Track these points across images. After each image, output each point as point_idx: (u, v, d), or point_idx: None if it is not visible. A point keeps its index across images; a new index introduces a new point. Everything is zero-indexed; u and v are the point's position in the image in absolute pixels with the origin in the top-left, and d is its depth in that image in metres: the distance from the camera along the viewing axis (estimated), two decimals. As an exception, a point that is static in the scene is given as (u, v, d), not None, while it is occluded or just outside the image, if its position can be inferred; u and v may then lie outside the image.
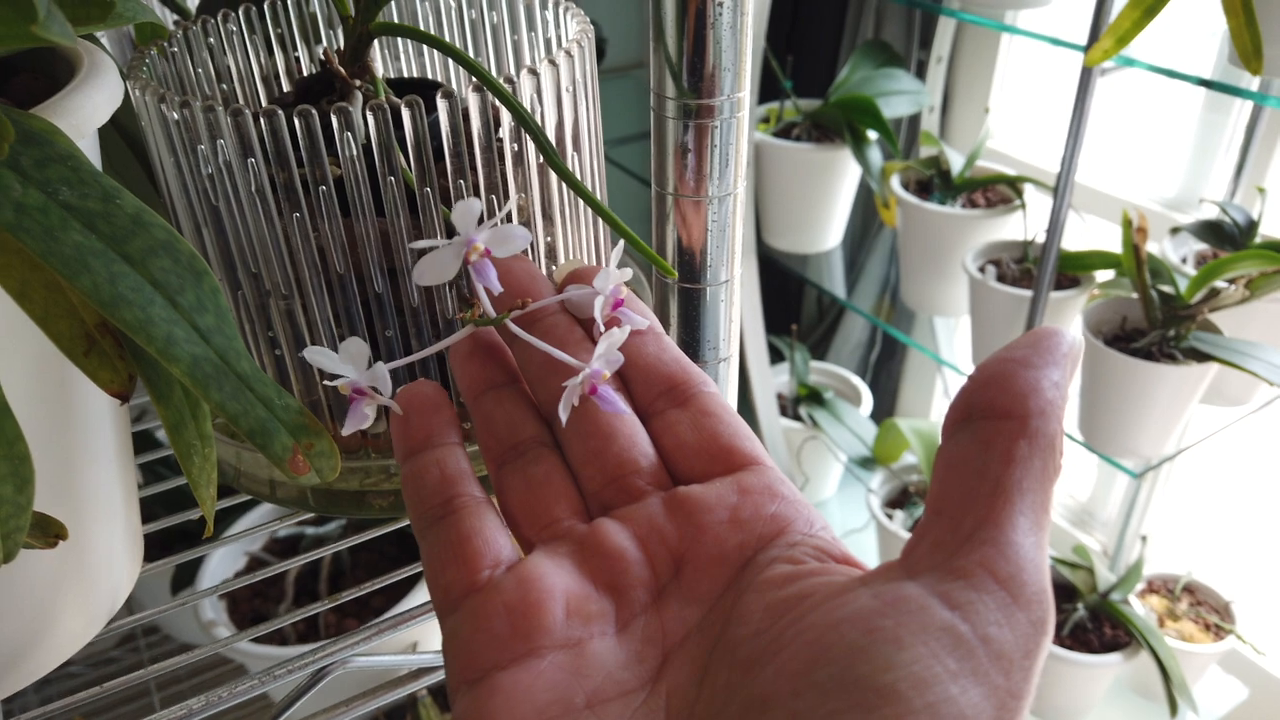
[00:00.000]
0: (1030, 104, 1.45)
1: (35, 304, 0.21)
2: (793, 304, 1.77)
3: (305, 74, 0.39)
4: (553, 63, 0.30)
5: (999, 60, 1.40)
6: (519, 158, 0.31)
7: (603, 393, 0.25)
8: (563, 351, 0.26)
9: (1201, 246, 1.13)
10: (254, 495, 0.35)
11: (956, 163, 1.26)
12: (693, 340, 0.31)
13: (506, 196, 0.31)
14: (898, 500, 1.47)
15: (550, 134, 0.32)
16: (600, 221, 0.36)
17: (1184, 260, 1.11)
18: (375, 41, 0.35)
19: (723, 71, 0.27)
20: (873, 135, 1.30)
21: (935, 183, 1.27)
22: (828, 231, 1.44)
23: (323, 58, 0.33)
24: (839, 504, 1.71)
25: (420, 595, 0.81)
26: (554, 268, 0.33)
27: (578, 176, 0.33)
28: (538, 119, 0.31)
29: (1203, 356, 1.01)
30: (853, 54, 1.40)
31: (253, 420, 0.22)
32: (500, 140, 0.30)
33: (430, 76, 0.41)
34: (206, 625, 0.79)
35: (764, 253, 1.50)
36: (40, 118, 0.22)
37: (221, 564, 0.86)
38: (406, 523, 0.40)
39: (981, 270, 1.18)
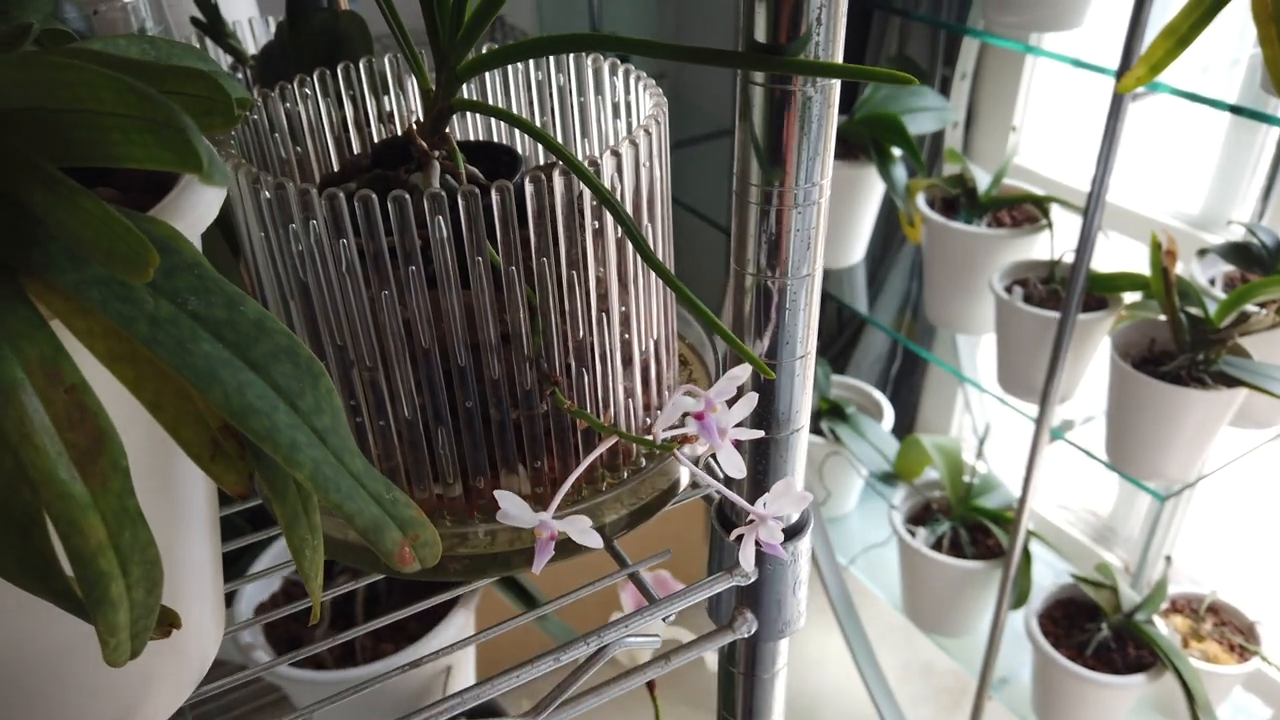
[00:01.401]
0: (1055, 121, 1.45)
1: (167, 413, 0.21)
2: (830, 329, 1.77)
3: (374, 130, 0.40)
4: (633, 142, 0.31)
5: (1023, 77, 1.40)
6: (599, 233, 0.32)
7: None
8: None
9: (1229, 268, 1.13)
10: (342, 560, 0.36)
11: (981, 180, 1.26)
12: (766, 413, 0.32)
13: (586, 270, 0.32)
14: (919, 517, 1.48)
15: (628, 206, 0.32)
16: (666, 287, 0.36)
17: (1212, 282, 1.11)
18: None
19: (810, 159, 0.27)
20: (897, 152, 1.31)
21: (961, 201, 1.27)
22: (852, 247, 1.44)
23: (405, 133, 0.34)
24: (860, 518, 1.71)
25: (456, 621, 0.81)
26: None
27: (651, 245, 0.34)
28: (617, 195, 0.32)
29: (1232, 381, 1.01)
30: (877, 71, 1.40)
31: (367, 519, 0.23)
32: (582, 216, 0.31)
33: (499, 136, 0.41)
34: (245, 649, 0.80)
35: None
36: (163, 223, 0.23)
37: (258, 585, 0.87)
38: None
39: (1008, 290, 1.18)
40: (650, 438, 0.28)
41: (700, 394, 0.27)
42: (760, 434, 0.31)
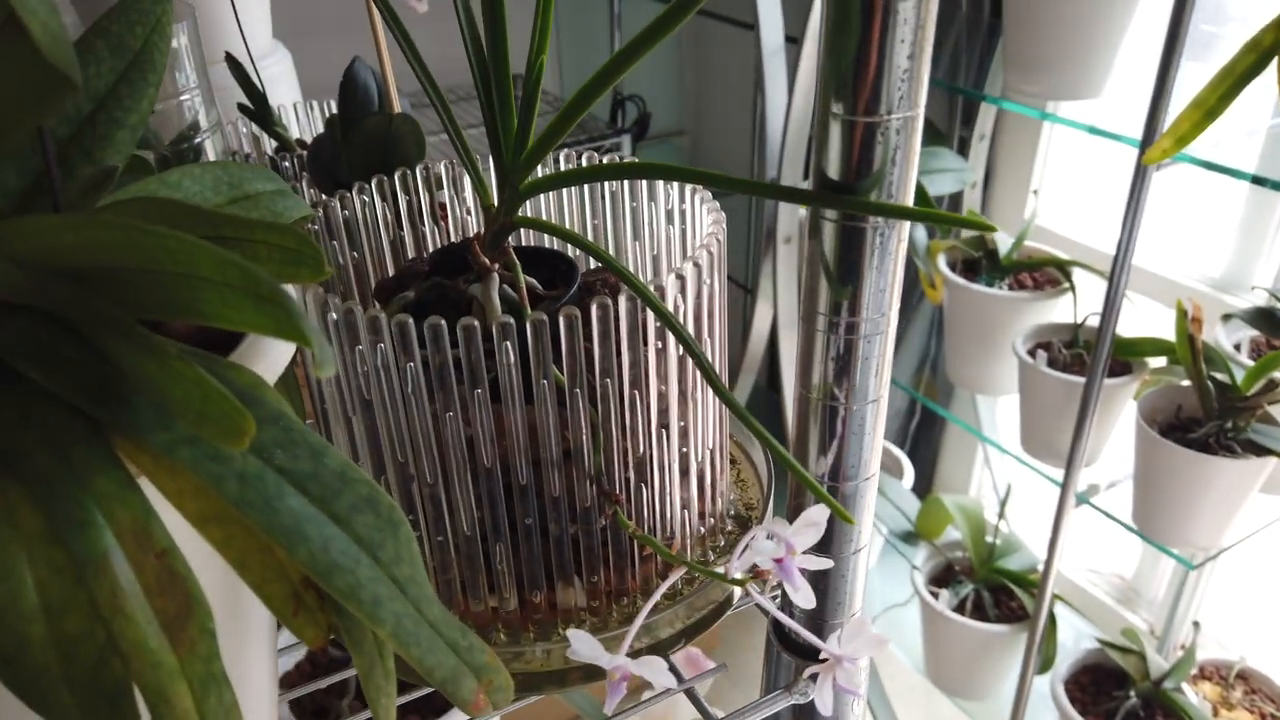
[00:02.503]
0: (1074, 183, 1.45)
1: (253, 572, 0.21)
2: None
3: (428, 229, 0.40)
4: (695, 263, 0.31)
5: (1042, 139, 1.41)
6: (661, 351, 0.32)
7: None
8: None
9: (1254, 333, 1.13)
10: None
11: (1002, 242, 1.27)
12: (827, 537, 0.32)
13: (648, 387, 0.32)
14: (942, 578, 1.46)
15: (689, 322, 0.32)
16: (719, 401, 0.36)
17: (1237, 347, 1.11)
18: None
19: (879, 291, 0.27)
20: (918, 214, 1.31)
21: (982, 263, 1.27)
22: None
23: (462, 242, 0.34)
24: (880, 577, 1.69)
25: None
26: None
27: (710, 359, 0.34)
28: (679, 314, 0.32)
29: (1261, 450, 1.01)
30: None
31: (445, 671, 0.23)
32: (646, 335, 0.31)
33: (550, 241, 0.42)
34: (268, 721, 0.79)
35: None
36: (248, 370, 0.23)
37: (283, 658, 0.86)
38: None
39: (1031, 354, 1.17)
40: (722, 572, 0.28)
41: (780, 537, 0.27)
42: (829, 563, 0.31)
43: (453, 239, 0.41)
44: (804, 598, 0.27)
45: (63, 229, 0.21)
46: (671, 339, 0.32)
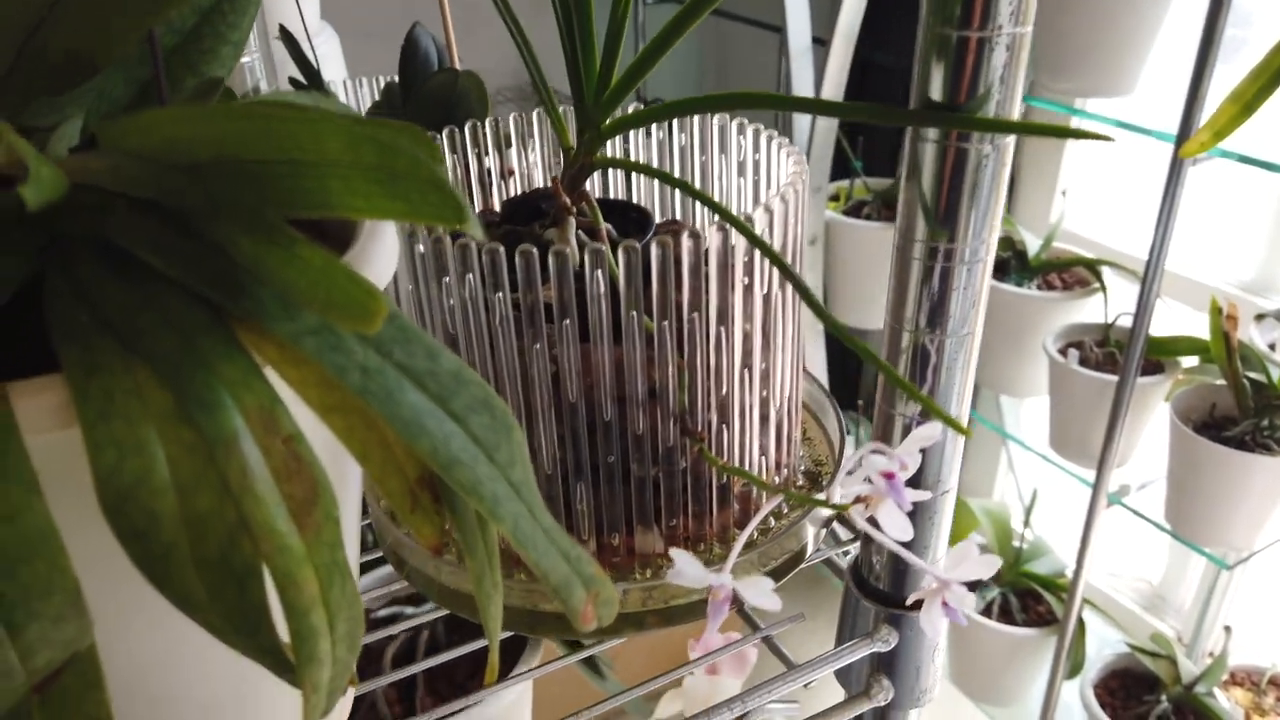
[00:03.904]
0: (1100, 186, 1.45)
1: (374, 464, 0.21)
2: (852, 378, 1.76)
3: (495, 188, 0.40)
4: (783, 199, 0.31)
5: (1069, 142, 1.40)
6: (748, 289, 0.31)
7: None
8: None
9: (1289, 333, 1.12)
10: (451, 608, 0.35)
11: (1030, 242, 1.26)
12: (915, 479, 0.31)
13: (734, 326, 0.31)
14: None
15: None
16: (800, 343, 0.36)
17: (1272, 347, 1.10)
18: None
19: (980, 217, 0.27)
20: (945, 215, 1.31)
21: (1011, 263, 1.26)
22: (896, 309, 1.44)
23: (535, 190, 0.34)
24: (902, 583, 1.68)
25: (515, 689, 0.79)
26: None
27: (791, 297, 0.34)
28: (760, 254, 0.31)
29: (1299, 447, 1.00)
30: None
31: (559, 576, 0.22)
32: (734, 271, 0.31)
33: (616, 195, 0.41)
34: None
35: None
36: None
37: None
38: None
39: (1062, 353, 1.17)
40: (823, 497, 0.27)
41: (891, 453, 0.26)
42: (927, 495, 0.30)
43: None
44: (902, 527, 0.27)
45: (181, 121, 0.21)
46: (758, 277, 0.32)
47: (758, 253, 0.31)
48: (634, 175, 0.41)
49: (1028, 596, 1.41)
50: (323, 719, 0.21)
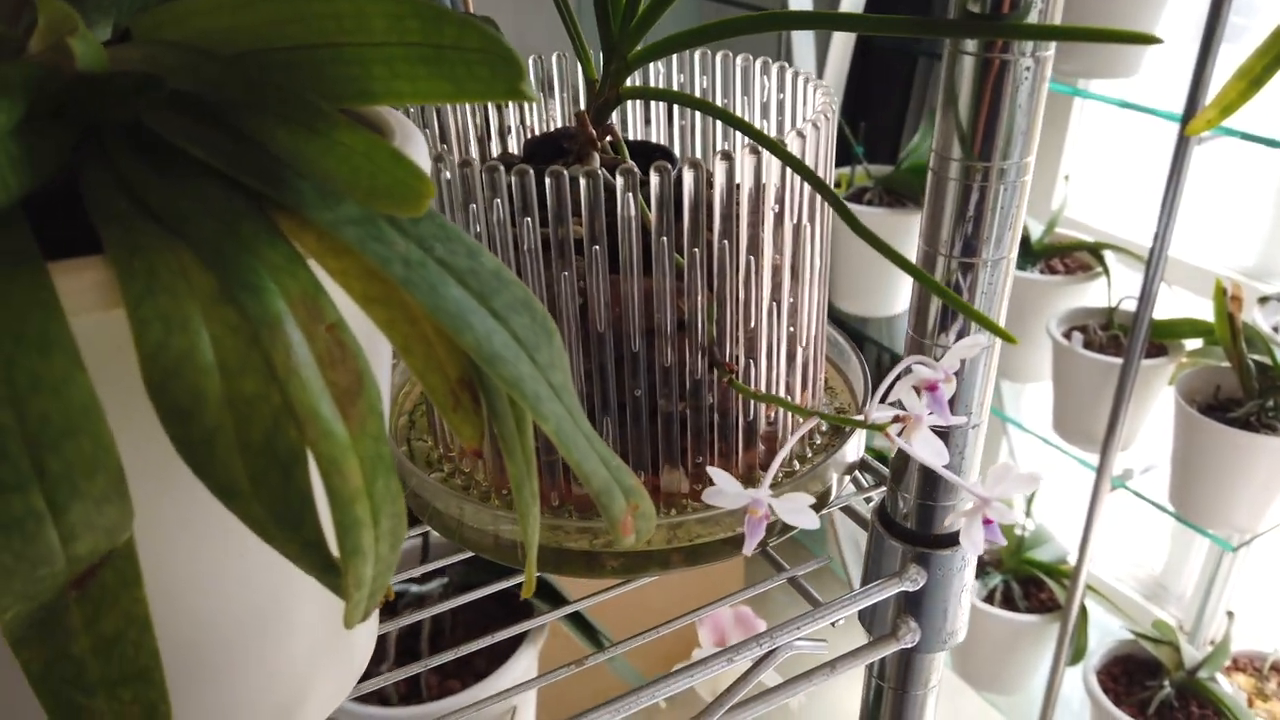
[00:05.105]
0: (1102, 174, 1.45)
1: (417, 358, 0.20)
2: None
3: (514, 135, 0.40)
4: (815, 125, 0.30)
5: (1072, 121, 1.40)
6: (778, 218, 0.31)
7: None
8: None
9: (1292, 316, 1.12)
10: (473, 549, 0.35)
11: (1033, 227, 1.26)
12: (950, 403, 0.31)
13: (763, 256, 0.31)
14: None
15: (803, 194, 0.32)
16: (825, 282, 0.35)
17: (1276, 329, 1.10)
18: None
19: (1022, 134, 0.27)
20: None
21: (1014, 249, 1.26)
22: (897, 296, 1.44)
23: (559, 129, 0.34)
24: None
25: (524, 659, 0.79)
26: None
27: (818, 234, 0.33)
28: (790, 184, 0.31)
29: (1304, 427, 1.00)
30: (923, 119, 1.42)
31: (600, 480, 0.22)
32: (764, 199, 0.30)
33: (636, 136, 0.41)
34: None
35: (832, 315, 1.50)
36: (397, 174, 0.22)
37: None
38: (513, 582, 0.39)
39: (1066, 337, 1.17)
40: (860, 417, 0.27)
41: (934, 364, 0.26)
42: (963, 419, 0.30)
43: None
44: (938, 450, 0.27)
45: (219, 9, 0.21)
46: (789, 206, 0.31)
47: (789, 180, 0.31)
48: (653, 123, 0.41)
49: (1030, 584, 1.40)
50: (361, 622, 0.21)
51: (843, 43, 1.32)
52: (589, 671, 0.35)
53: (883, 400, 0.27)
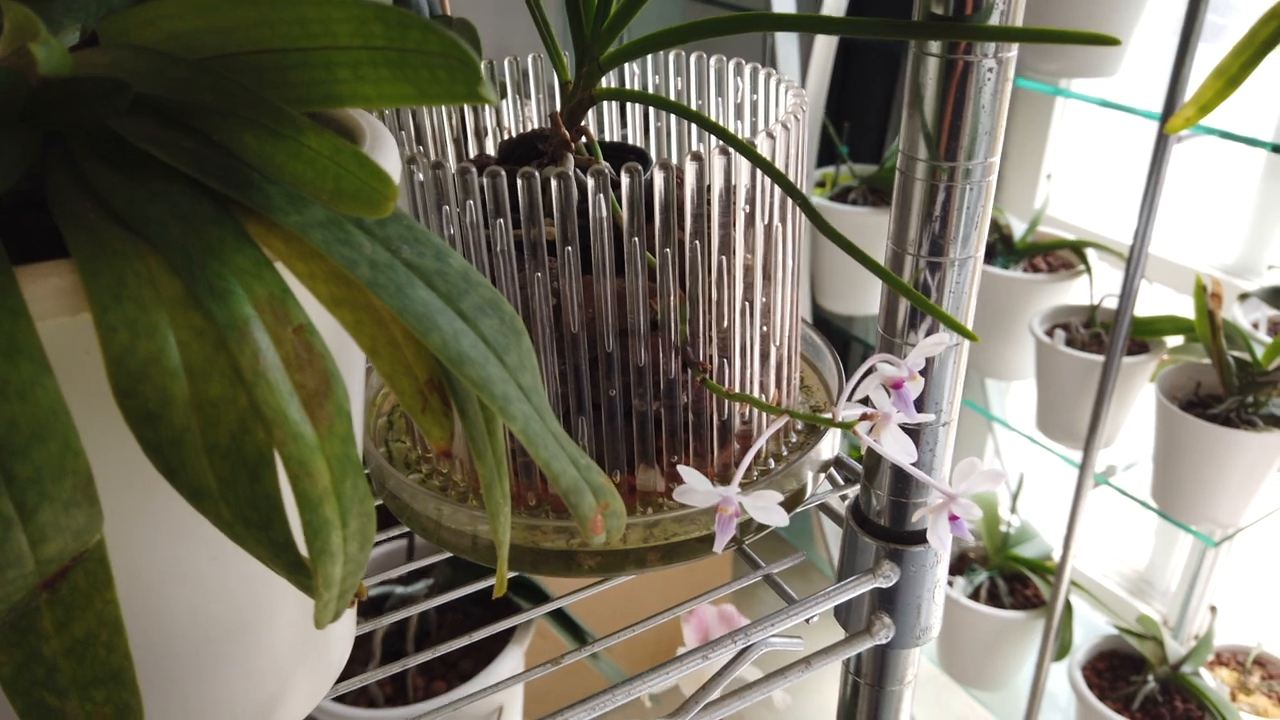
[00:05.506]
0: (1083, 173, 1.46)
1: (384, 360, 0.21)
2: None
3: (491, 137, 0.40)
4: (785, 126, 0.31)
5: (1054, 121, 1.41)
6: (749, 219, 0.31)
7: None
8: None
9: (1273, 312, 1.13)
10: (451, 550, 0.35)
11: (1015, 226, 1.27)
12: (917, 402, 0.31)
13: (735, 256, 0.31)
14: (956, 566, 1.45)
15: (775, 196, 0.32)
16: (799, 282, 0.36)
17: (1255, 326, 1.11)
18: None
19: (985, 134, 0.27)
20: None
21: (997, 247, 1.27)
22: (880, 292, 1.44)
23: (533, 131, 0.34)
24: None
25: (509, 659, 0.79)
26: None
27: (790, 235, 0.34)
28: (760, 184, 0.31)
29: (1283, 423, 1.01)
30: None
31: (569, 480, 0.22)
32: (735, 199, 0.31)
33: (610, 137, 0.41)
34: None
35: (816, 314, 1.50)
36: (366, 177, 0.22)
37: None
38: (492, 582, 0.39)
39: (1049, 335, 1.18)
40: (829, 416, 0.27)
41: (899, 362, 0.26)
42: (931, 417, 0.30)
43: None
44: (906, 448, 0.27)
45: (186, 13, 0.21)
46: (760, 207, 0.32)
47: (759, 182, 0.31)
48: (628, 125, 0.41)
49: (1015, 580, 1.41)
50: (332, 622, 0.21)
51: (826, 42, 1.32)
52: (578, 673, 0.36)
53: (851, 398, 0.28)
